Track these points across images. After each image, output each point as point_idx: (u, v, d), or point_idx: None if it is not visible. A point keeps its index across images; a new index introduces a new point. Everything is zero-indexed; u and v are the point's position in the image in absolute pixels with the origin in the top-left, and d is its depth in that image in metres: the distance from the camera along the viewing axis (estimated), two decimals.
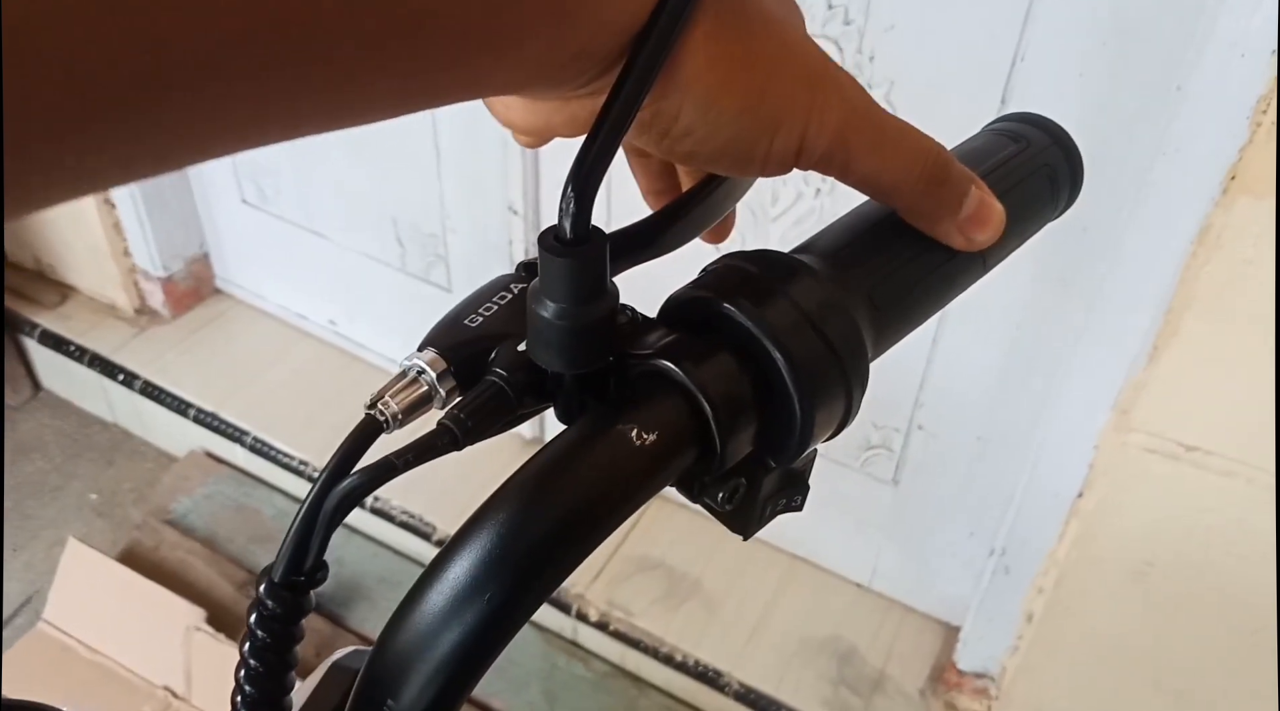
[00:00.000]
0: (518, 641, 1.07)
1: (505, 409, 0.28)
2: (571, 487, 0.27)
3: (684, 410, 0.28)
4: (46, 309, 1.55)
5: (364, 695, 0.26)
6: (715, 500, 0.30)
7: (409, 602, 0.26)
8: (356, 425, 0.28)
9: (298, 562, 0.28)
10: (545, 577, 0.26)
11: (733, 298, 0.28)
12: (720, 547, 1.28)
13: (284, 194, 1.43)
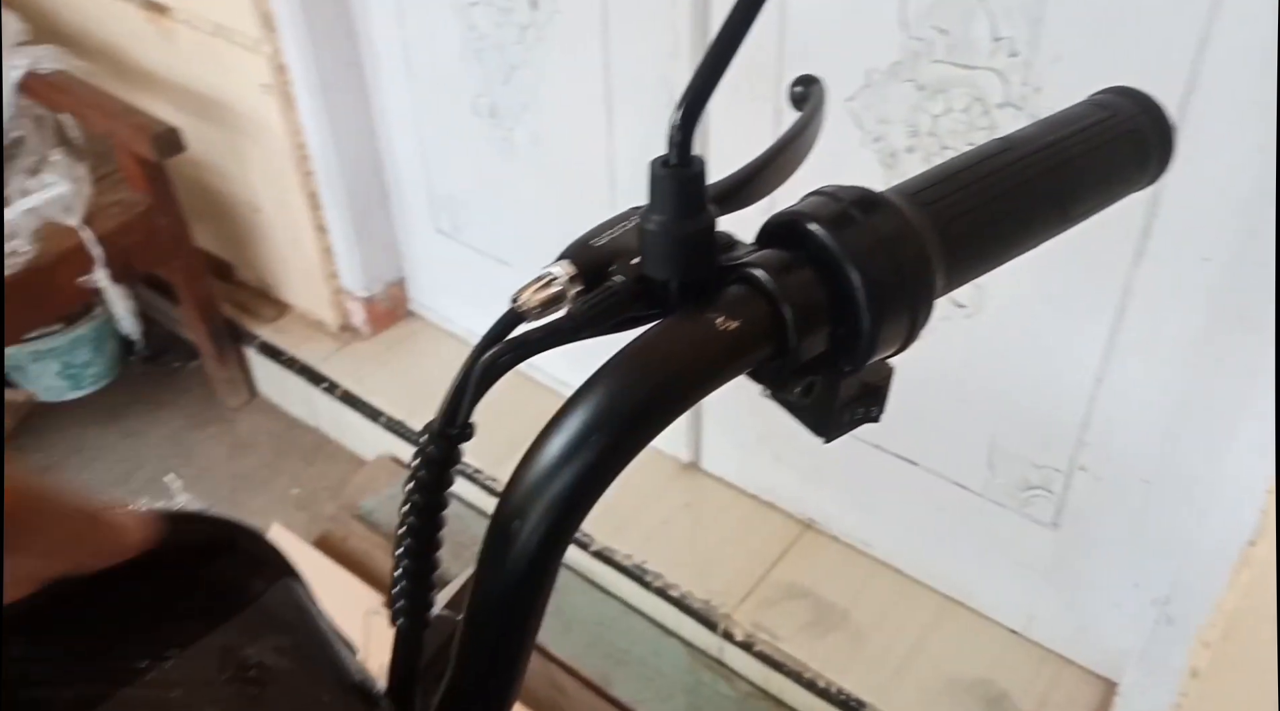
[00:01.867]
0: (665, 654, 1.14)
1: (619, 308, 0.34)
2: (663, 360, 0.32)
3: (764, 308, 0.33)
4: (265, 323, 1.74)
5: (497, 520, 0.33)
6: (792, 395, 0.35)
7: (534, 447, 0.32)
8: (502, 315, 0.34)
9: (452, 418, 0.35)
10: (638, 432, 0.31)
11: (818, 220, 0.33)
12: (871, 581, 1.28)
13: (474, 224, 1.55)
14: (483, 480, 1.46)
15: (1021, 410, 1.10)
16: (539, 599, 0.35)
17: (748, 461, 1.39)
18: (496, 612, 0.35)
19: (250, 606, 0.38)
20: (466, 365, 0.35)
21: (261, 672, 0.36)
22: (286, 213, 1.64)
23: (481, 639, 0.37)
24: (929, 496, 1.21)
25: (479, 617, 0.36)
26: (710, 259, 0.34)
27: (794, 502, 1.36)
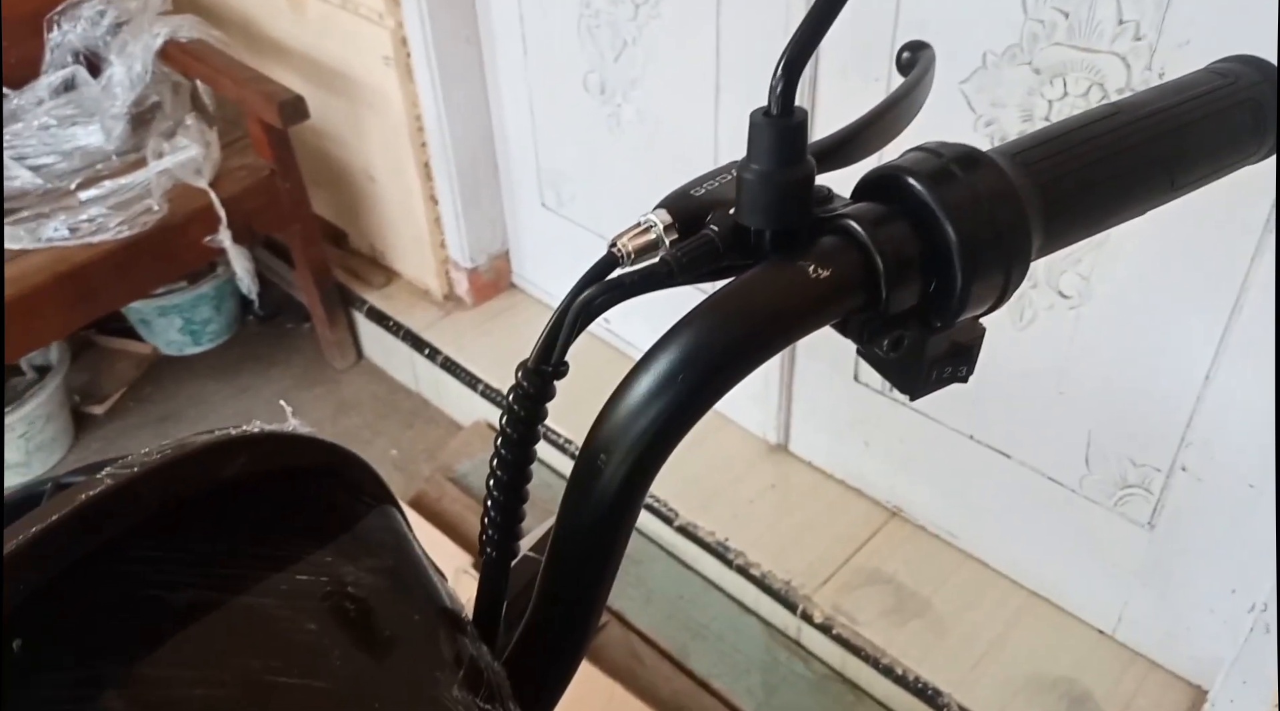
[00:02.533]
0: (743, 631, 1.16)
1: (712, 256, 0.35)
2: (753, 304, 0.33)
3: (857, 259, 0.33)
4: (374, 289, 1.81)
5: (585, 454, 0.34)
6: (881, 348, 0.35)
7: (625, 384, 0.33)
8: (599, 258, 0.36)
9: (547, 355, 0.37)
10: (725, 373, 0.32)
11: (916, 175, 0.33)
12: (956, 572, 1.27)
13: (578, 199, 1.59)
14: (556, 440, 1.49)
15: (1123, 407, 1.07)
16: (622, 532, 0.36)
17: (837, 446, 1.39)
18: (581, 544, 0.37)
19: (352, 529, 0.40)
20: (563, 305, 0.36)
21: (359, 591, 0.38)
22: (400, 183, 1.70)
23: (565, 570, 0.38)
24: (1021, 490, 1.19)
25: (564, 548, 0.38)
26: (805, 210, 0.34)
27: (881, 489, 1.36)
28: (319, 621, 0.36)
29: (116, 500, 0.34)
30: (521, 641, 0.41)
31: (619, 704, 1.20)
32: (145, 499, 0.35)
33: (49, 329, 1.48)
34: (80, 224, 1.45)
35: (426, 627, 0.39)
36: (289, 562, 0.37)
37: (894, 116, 0.40)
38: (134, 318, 1.83)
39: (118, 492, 0.34)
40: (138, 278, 1.53)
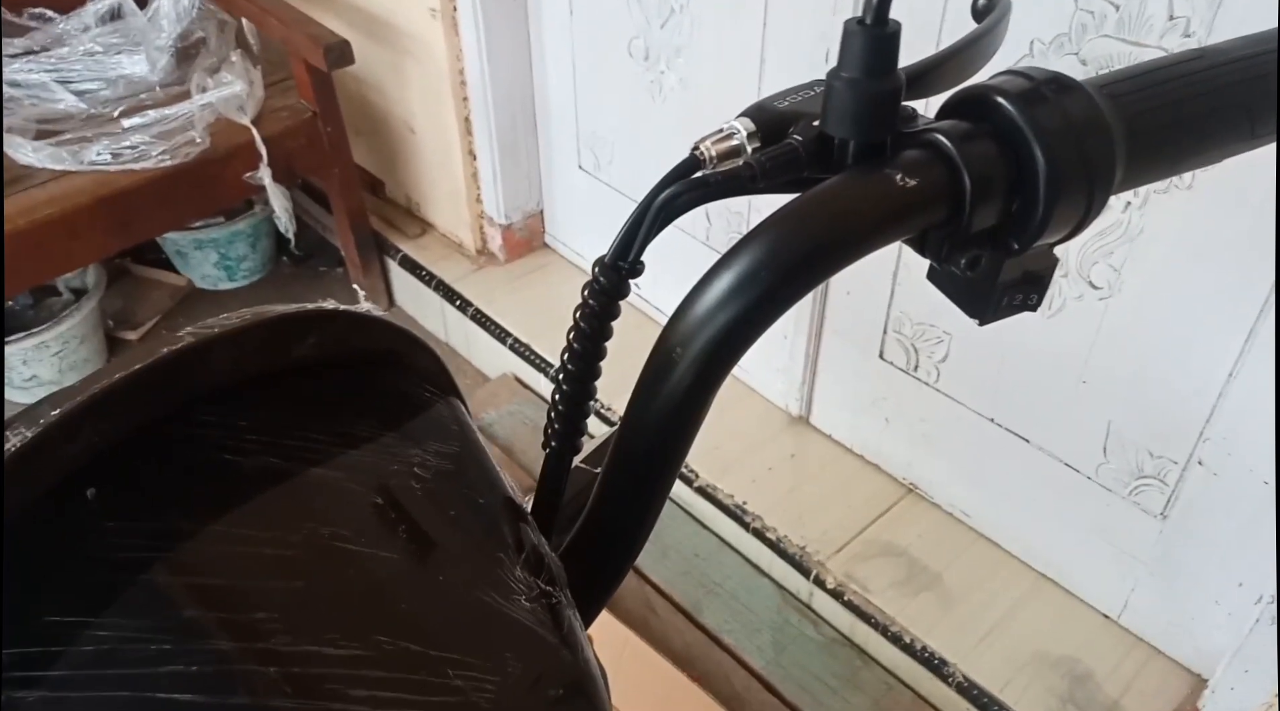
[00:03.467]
0: (756, 592, 1.19)
1: (795, 165, 0.35)
2: (838, 208, 0.34)
3: (944, 173, 0.34)
4: (409, 239, 1.83)
5: (660, 348, 0.35)
6: (958, 266, 0.36)
7: (705, 280, 0.34)
8: (682, 160, 0.37)
9: (624, 252, 0.38)
10: (806, 275, 0.33)
11: (1007, 95, 0.34)
12: (968, 550, 1.30)
13: (615, 163, 1.60)
14: (595, 409, 1.52)
15: (1145, 398, 1.10)
16: (690, 429, 0.37)
17: (858, 421, 1.42)
18: (648, 438, 0.37)
19: (419, 416, 0.40)
20: (644, 202, 0.36)
21: (425, 472, 0.38)
22: (440, 136, 1.72)
23: (629, 465, 0.38)
24: (1037, 474, 1.22)
25: (630, 443, 0.38)
26: (892, 123, 0.34)
27: (899, 466, 1.39)
28: (387, 497, 0.37)
29: (194, 358, 0.34)
30: (578, 536, 0.42)
31: (632, 651, 1.24)
32: (220, 363, 0.35)
33: (87, 251, 1.50)
34: (123, 150, 1.47)
35: (490, 512, 0.40)
36: (358, 441, 0.38)
37: (970, 56, 0.40)
38: (170, 249, 1.85)
39: (196, 351, 0.34)
40: (177, 208, 1.55)
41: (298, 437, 0.36)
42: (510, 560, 0.38)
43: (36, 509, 0.31)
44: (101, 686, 0.30)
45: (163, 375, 0.33)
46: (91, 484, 0.33)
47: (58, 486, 0.32)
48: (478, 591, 0.36)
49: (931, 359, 1.28)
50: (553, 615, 0.38)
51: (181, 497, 0.34)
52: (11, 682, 0.30)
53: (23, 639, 0.30)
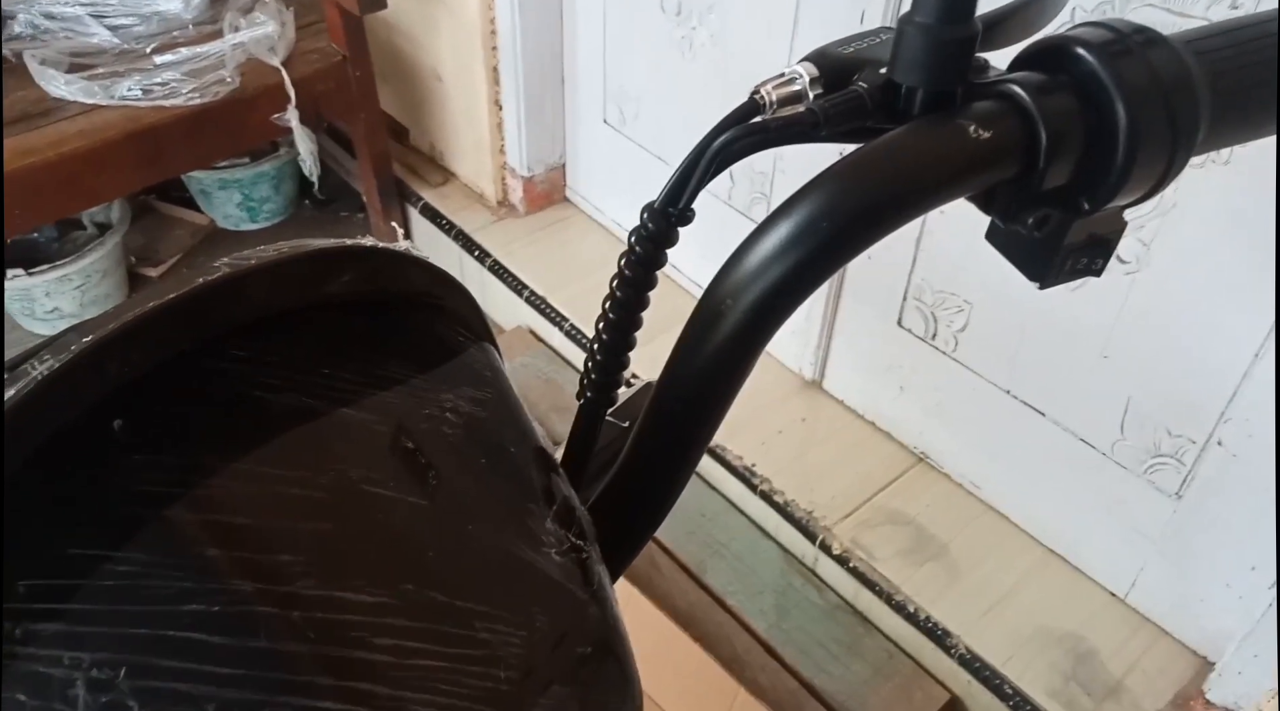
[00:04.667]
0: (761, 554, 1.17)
1: (859, 112, 0.34)
2: (907, 157, 0.32)
3: (1019, 125, 0.32)
4: (430, 187, 1.82)
5: (710, 296, 0.34)
6: (1024, 225, 0.34)
7: (763, 228, 0.33)
8: (740, 104, 0.35)
9: (675, 198, 0.36)
10: (869, 227, 0.32)
11: (1090, 47, 0.32)
12: (976, 522, 1.29)
13: (641, 119, 1.58)
14: None
15: (1167, 376, 1.08)
16: (734, 381, 0.35)
17: (871, 388, 1.40)
18: (691, 388, 0.36)
19: (453, 360, 0.39)
20: (700, 146, 0.34)
21: (457, 418, 0.37)
22: (466, 85, 1.70)
23: (668, 416, 0.37)
24: (1051, 449, 1.20)
25: (671, 393, 0.37)
26: (964, 73, 0.33)
27: (911, 435, 1.38)
28: (418, 441, 0.35)
29: (230, 289, 0.33)
30: (609, 490, 0.41)
31: (634, 608, 1.24)
32: (255, 296, 0.34)
33: (114, 185, 1.50)
34: (154, 86, 1.47)
35: (521, 461, 0.39)
36: (390, 382, 0.36)
37: (1041, 8, 0.39)
38: (194, 188, 1.86)
39: (233, 282, 0.33)
40: (204, 146, 1.55)
41: (329, 377, 0.35)
42: (541, 512, 0.37)
43: (62, 438, 0.30)
44: (122, 622, 0.30)
45: (198, 306, 0.32)
46: (118, 415, 0.32)
47: (84, 416, 0.31)
48: (507, 542, 0.35)
49: (950, 328, 1.26)
50: (582, 570, 0.37)
51: (209, 433, 0.33)
52: (31, 614, 0.29)
53: (44, 570, 0.30)
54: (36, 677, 0.29)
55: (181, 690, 0.29)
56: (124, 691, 0.29)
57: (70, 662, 0.29)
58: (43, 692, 0.29)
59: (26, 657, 0.29)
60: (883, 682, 1.20)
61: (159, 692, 0.29)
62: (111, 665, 0.29)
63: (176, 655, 0.29)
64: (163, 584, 0.30)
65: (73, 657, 0.29)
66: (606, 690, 0.37)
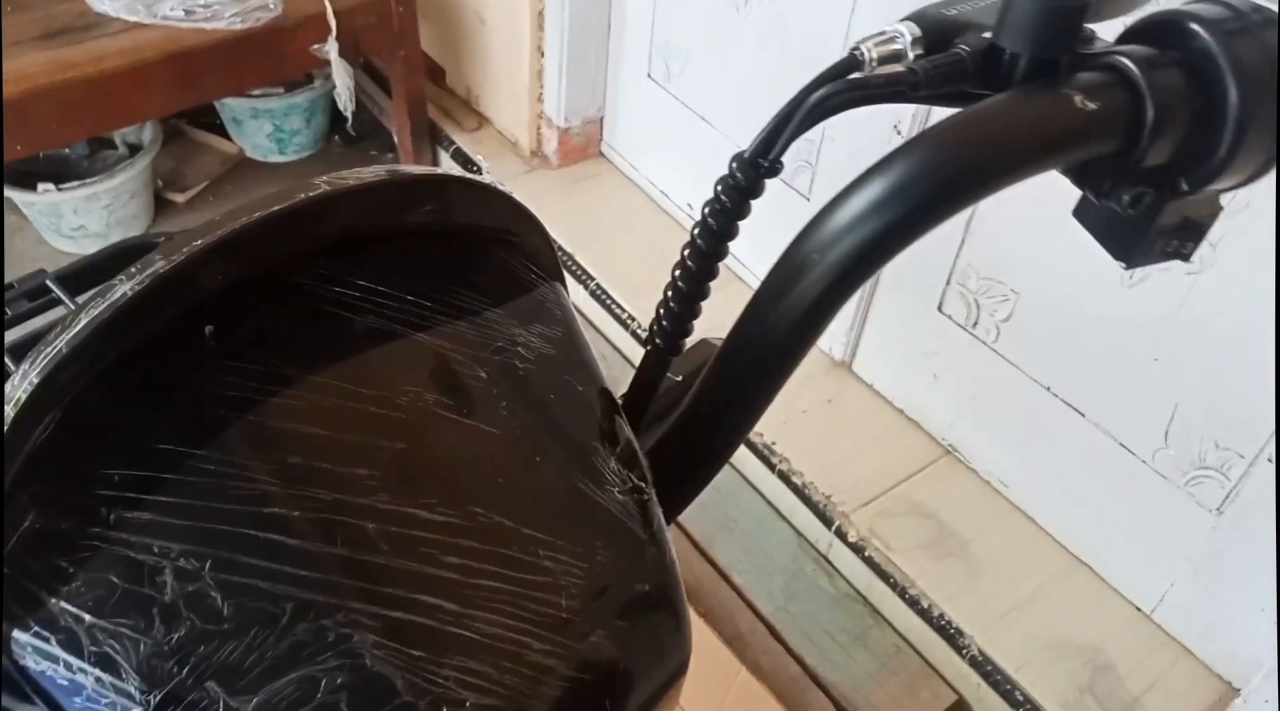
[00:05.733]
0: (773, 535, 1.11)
1: (960, 76, 0.33)
2: (1007, 125, 0.31)
3: (1125, 99, 0.31)
4: (464, 131, 1.77)
5: (794, 249, 0.34)
6: (1119, 202, 0.33)
7: (856, 184, 0.32)
8: (839, 59, 0.34)
9: (766, 149, 0.36)
10: (960, 193, 0.31)
11: (1207, 22, 0.31)
12: (1001, 522, 1.24)
13: (686, 75, 1.52)
14: (633, 329, 1.47)
15: (1220, 385, 1.02)
16: (809, 337, 0.35)
17: (903, 374, 1.35)
18: (764, 340, 0.36)
19: (525, 296, 0.40)
20: (796, 98, 0.34)
21: (529, 352, 0.38)
22: (510, 29, 1.65)
23: (738, 366, 0.37)
24: (1088, 452, 1.15)
25: (743, 345, 0.37)
26: (1071, 41, 0.32)
27: (940, 426, 1.32)
28: (490, 371, 0.37)
29: (327, 207, 0.34)
30: (668, 438, 0.41)
31: None
32: (347, 217, 0.35)
33: (149, 106, 1.47)
34: (196, 8, 1.43)
35: (588, 400, 0.40)
36: (464, 313, 0.38)
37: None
38: (227, 115, 1.82)
39: (331, 200, 0.34)
40: (241, 72, 1.51)
41: (409, 303, 0.37)
42: (605, 451, 0.38)
43: (157, 340, 0.32)
44: (207, 518, 0.31)
45: (296, 221, 0.34)
46: (210, 321, 0.33)
47: (178, 321, 0.32)
48: (572, 477, 0.37)
49: (993, 317, 1.20)
50: (643, 511, 0.38)
51: (295, 346, 0.35)
52: (123, 502, 0.31)
53: (133, 461, 0.31)
54: (128, 562, 0.30)
55: (261, 587, 0.31)
56: (208, 582, 0.31)
57: (160, 551, 0.31)
58: (134, 577, 0.30)
59: (119, 542, 0.31)
60: (888, 677, 1.16)
61: (240, 588, 0.31)
62: (198, 557, 0.31)
63: (257, 553, 0.31)
64: (246, 485, 0.32)
65: (162, 546, 0.31)
66: (660, 629, 0.38)
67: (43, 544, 0.30)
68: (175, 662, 0.30)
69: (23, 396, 0.30)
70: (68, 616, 0.30)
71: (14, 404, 0.30)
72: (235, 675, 0.30)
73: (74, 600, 0.30)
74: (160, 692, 0.30)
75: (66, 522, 0.31)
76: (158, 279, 0.31)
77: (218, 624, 0.30)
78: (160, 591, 0.30)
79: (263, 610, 0.31)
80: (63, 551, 0.30)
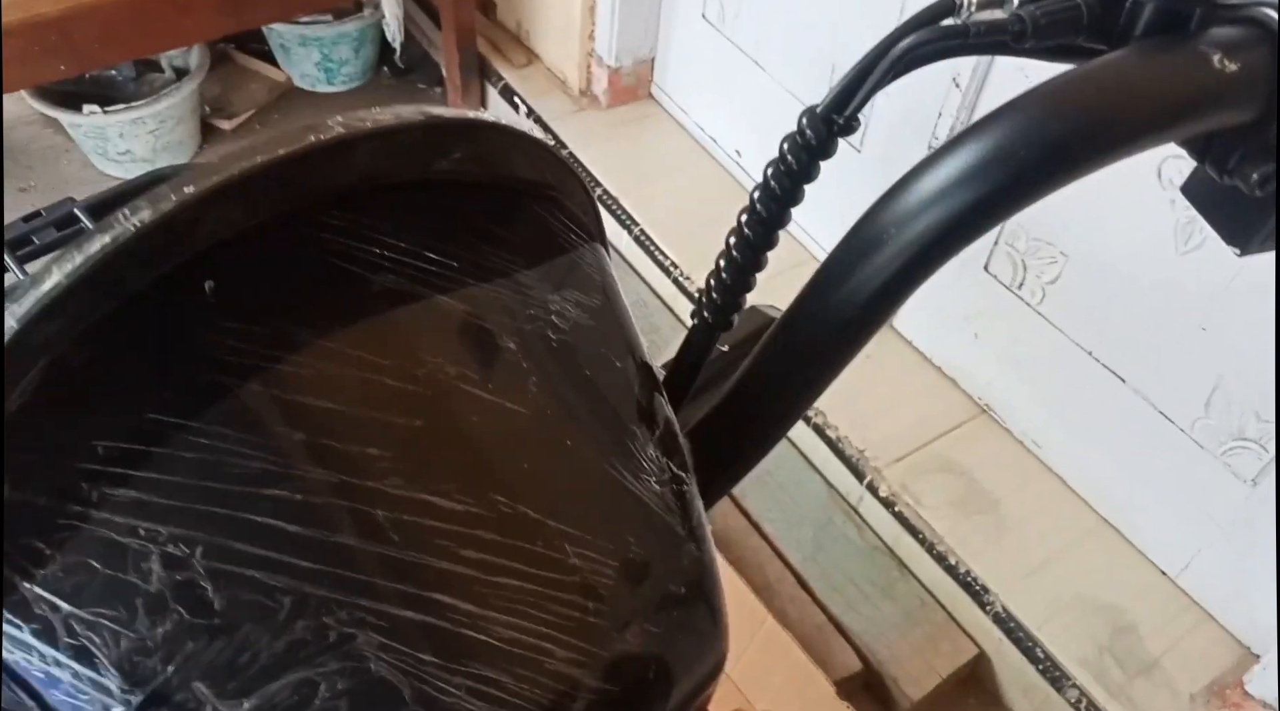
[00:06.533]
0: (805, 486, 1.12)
1: (1073, 25, 0.29)
2: (1132, 85, 0.27)
3: (1269, 60, 0.27)
4: (513, 67, 1.76)
5: (869, 223, 0.31)
6: (1247, 181, 0.29)
7: (944, 152, 0.28)
8: (934, 2, 0.31)
9: (842, 104, 0.32)
10: (1068, 162, 0.27)
11: None
12: (1032, 482, 1.25)
13: (743, 18, 1.50)
14: (675, 276, 1.47)
15: (1266, 356, 1.01)
16: (877, 320, 0.32)
17: (944, 332, 1.35)
18: (827, 322, 0.33)
19: (562, 257, 0.36)
20: (881, 46, 0.30)
21: (563, 322, 0.35)
22: None
23: (797, 346, 0.34)
24: (1126, 417, 1.15)
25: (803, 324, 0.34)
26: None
27: (977, 385, 1.33)
28: (520, 342, 0.33)
29: (341, 151, 0.30)
30: (713, 417, 0.38)
31: None
32: (362, 163, 0.31)
33: (197, 29, 1.46)
34: None
35: (626, 377, 0.36)
36: (494, 275, 0.34)
37: None
38: (275, 42, 1.82)
39: (344, 144, 0.30)
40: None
41: (432, 261, 0.32)
42: (643, 435, 0.35)
43: (151, 294, 0.28)
44: (200, 498, 0.28)
45: (303, 166, 0.30)
46: (210, 275, 0.29)
47: (175, 272, 0.29)
48: (606, 464, 0.33)
49: (1040, 279, 1.20)
50: (681, 503, 0.35)
51: (302, 305, 0.31)
52: (108, 478, 0.28)
53: (121, 432, 0.28)
54: (110, 545, 0.27)
55: (257, 578, 0.28)
56: (198, 571, 0.28)
57: (146, 534, 0.27)
58: (116, 562, 0.27)
59: (100, 523, 0.27)
60: (911, 628, 1.19)
61: (234, 578, 0.28)
62: (187, 542, 0.28)
63: (254, 540, 0.28)
64: (244, 463, 0.28)
65: (149, 529, 0.27)
66: (694, 635, 0.35)
67: (17, 522, 0.27)
68: (160, 659, 0.27)
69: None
70: (43, 603, 0.27)
71: None
72: (226, 675, 0.28)
73: (50, 586, 0.27)
74: (142, 692, 0.27)
75: (43, 498, 0.27)
76: (136, 232, 0.27)
77: (208, 618, 0.27)
78: (145, 579, 0.27)
79: (258, 604, 0.28)
80: (39, 531, 0.27)
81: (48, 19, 1.27)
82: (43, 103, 1.59)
